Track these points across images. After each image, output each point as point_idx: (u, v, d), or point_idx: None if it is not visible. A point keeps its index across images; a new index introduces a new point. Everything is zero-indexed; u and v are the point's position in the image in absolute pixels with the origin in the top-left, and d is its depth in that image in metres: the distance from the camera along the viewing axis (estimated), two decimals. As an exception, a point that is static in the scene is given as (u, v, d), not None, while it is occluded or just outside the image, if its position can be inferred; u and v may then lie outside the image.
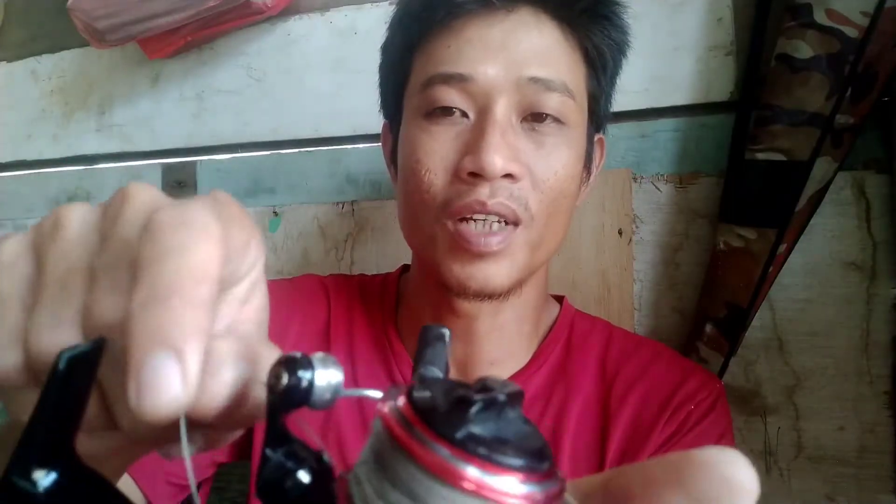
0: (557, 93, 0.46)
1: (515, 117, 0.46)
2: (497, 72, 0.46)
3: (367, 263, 0.81)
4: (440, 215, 0.47)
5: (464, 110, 0.47)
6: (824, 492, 0.63)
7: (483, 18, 0.47)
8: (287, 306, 0.57)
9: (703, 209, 0.68)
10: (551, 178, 0.46)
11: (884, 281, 0.62)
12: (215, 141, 0.91)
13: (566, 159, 0.47)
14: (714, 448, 0.14)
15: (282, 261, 0.86)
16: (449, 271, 0.47)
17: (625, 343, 0.55)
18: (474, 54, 0.46)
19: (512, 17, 0.47)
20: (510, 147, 0.45)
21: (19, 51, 1.06)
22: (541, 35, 0.47)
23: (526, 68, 0.46)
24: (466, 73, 0.46)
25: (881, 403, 0.62)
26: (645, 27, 0.71)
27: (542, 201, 0.46)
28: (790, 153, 0.59)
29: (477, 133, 0.45)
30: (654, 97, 0.70)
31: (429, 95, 0.47)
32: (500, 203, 0.45)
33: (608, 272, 0.71)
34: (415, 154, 0.48)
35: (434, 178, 0.47)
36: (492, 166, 0.43)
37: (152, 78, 0.95)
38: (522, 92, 0.46)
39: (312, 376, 0.17)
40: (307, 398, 0.17)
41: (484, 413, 0.15)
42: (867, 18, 0.55)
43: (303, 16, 0.86)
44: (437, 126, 0.47)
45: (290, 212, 0.87)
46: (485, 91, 0.46)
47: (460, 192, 0.45)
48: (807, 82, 0.57)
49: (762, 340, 0.66)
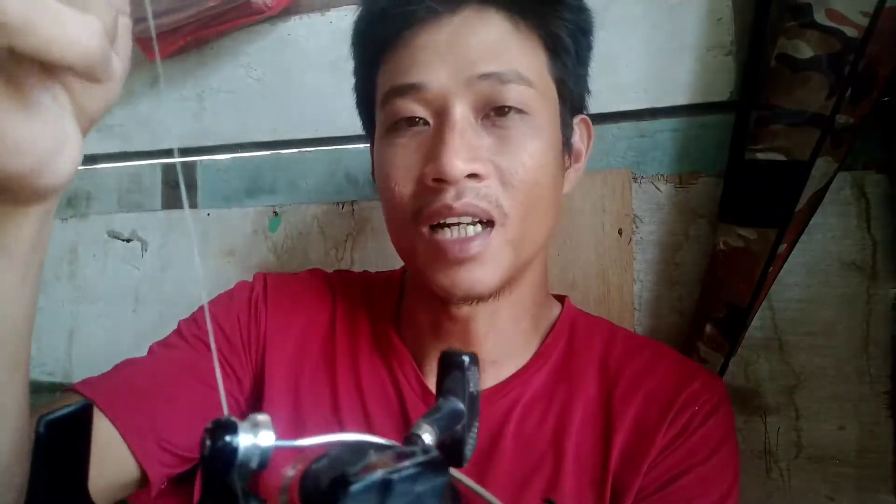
0: (513, 84, 0.46)
1: (474, 116, 0.47)
2: (448, 75, 0.46)
3: (367, 263, 0.81)
4: (415, 224, 0.47)
5: (424, 118, 0.47)
6: (824, 492, 0.63)
7: (430, 24, 0.47)
8: (292, 301, 0.58)
9: (703, 209, 0.68)
10: (520, 171, 0.46)
11: (884, 281, 0.62)
12: (215, 141, 0.91)
13: (533, 149, 0.47)
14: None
15: (282, 261, 0.87)
16: (433, 281, 0.47)
17: (627, 343, 0.55)
18: (424, 61, 0.47)
19: (457, 19, 0.47)
20: (470, 147, 0.45)
21: (19, 51, 1.05)
22: (488, 31, 0.47)
23: (476, 66, 0.46)
24: (418, 81, 0.46)
25: (881, 403, 0.62)
26: (645, 27, 0.71)
27: (514, 196, 0.46)
28: (790, 153, 0.59)
29: (436, 139, 0.46)
30: (654, 97, 0.70)
31: (389, 109, 0.48)
32: (468, 203, 0.45)
33: (608, 272, 0.71)
34: (383, 168, 0.49)
35: (403, 189, 0.47)
36: (452, 169, 0.43)
37: (152, 78, 0.95)
38: (477, 90, 0.46)
39: (237, 440, 0.17)
40: (233, 460, 0.17)
41: (363, 496, 0.15)
42: (867, 18, 0.55)
43: (303, 16, 0.86)
44: (401, 138, 0.48)
45: (290, 212, 0.87)
46: (439, 96, 0.46)
47: (428, 199, 0.46)
48: (807, 82, 0.57)
49: (762, 340, 0.66)
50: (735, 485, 0.49)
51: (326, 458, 0.16)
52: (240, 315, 0.56)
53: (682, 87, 0.69)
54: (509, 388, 0.52)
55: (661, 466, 0.47)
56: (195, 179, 0.92)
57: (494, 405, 0.51)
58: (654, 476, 0.47)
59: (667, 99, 0.70)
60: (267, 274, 0.60)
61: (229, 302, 0.57)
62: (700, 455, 0.48)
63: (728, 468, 0.49)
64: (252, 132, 0.89)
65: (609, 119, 0.72)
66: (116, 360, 0.51)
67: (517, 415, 0.51)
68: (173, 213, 0.94)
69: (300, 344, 0.56)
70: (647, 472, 0.47)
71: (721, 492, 0.47)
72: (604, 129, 0.73)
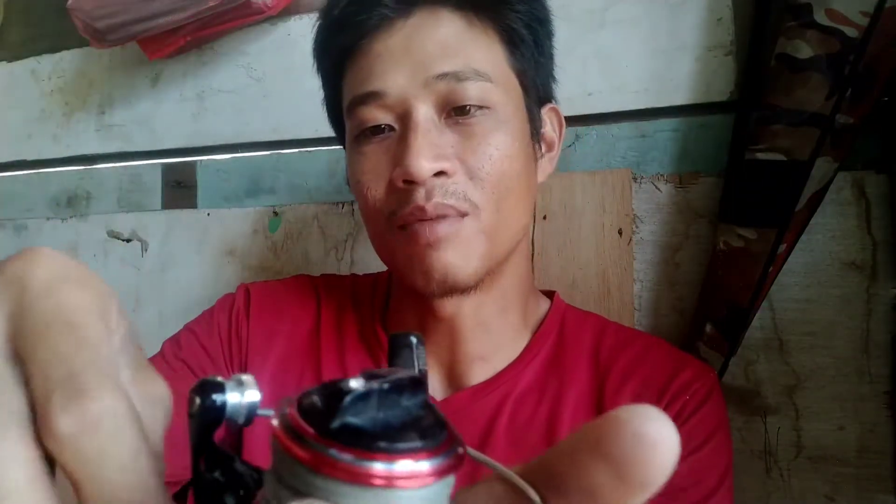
0: (471, 81, 0.46)
1: (437, 116, 0.47)
2: (406, 79, 0.47)
3: (367, 263, 0.81)
4: (390, 227, 0.48)
5: (389, 124, 0.48)
6: (824, 492, 0.63)
7: (385, 31, 0.48)
8: (275, 309, 0.58)
9: (703, 209, 0.68)
10: (486, 164, 0.47)
11: (884, 281, 0.62)
12: (215, 141, 0.91)
13: (498, 142, 0.47)
14: (628, 406, 0.14)
15: (282, 261, 0.87)
16: (410, 273, 0.48)
17: (619, 335, 0.55)
18: (382, 68, 0.47)
19: (410, 22, 0.48)
20: (434, 146, 0.46)
21: (19, 51, 1.06)
22: (441, 30, 0.47)
23: (432, 67, 0.46)
24: (378, 88, 0.47)
25: (881, 403, 0.62)
26: (645, 27, 0.71)
27: (482, 189, 0.47)
28: (790, 153, 0.59)
29: (401, 142, 0.47)
30: (654, 97, 0.70)
31: (354, 119, 0.49)
32: (438, 204, 0.45)
33: (608, 272, 0.71)
34: (355, 176, 0.50)
35: (375, 194, 0.48)
36: (418, 170, 0.44)
37: (152, 78, 0.95)
38: (435, 90, 0.46)
39: (225, 398, 0.18)
40: (221, 417, 0.18)
41: (361, 403, 0.15)
42: (867, 18, 0.55)
43: (303, 16, 0.86)
44: (369, 146, 0.49)
45: (290, 212, 0.87)
46: (400, 100, 0.47)
47: (400, 202, 0.47)
48: (807, 82, 0.57)
49: (762, 340, 0.66)
50: (728, 473, 0.49)
51: (317, 388, 0.17)
52: (220, 330, 0.56)
53: (682, 87, 0.69)
54: (499, 382, 0.52)
55: None
56: (195, 179, 0.92)
57: (485, 400, 0.51)
58: None
59: (667, 99, 0.70)
60: (250, 284, 0.61)
61: (210, 318, 0.57)
62: (692, 444, 0.48)
63: (721, 456, 0.49)
64: (252, 132, 0.89)
65: (609, 119, 0.72)
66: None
67: (508, 409, 0.51)
68: (173, 213, 0.94)
69: (285, 350, 0.56)
70: None
71: (714, 480, 0.47)
72: (604, 129, 0.73)
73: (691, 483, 0.47)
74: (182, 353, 0.53)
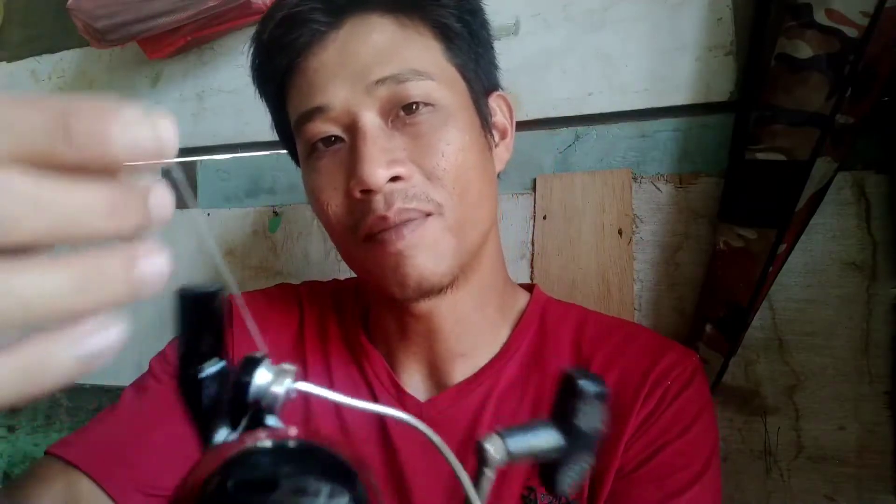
0: (411, 81, 0.46)
1: (384, 121, 0.47)
2: (346, 90, 0.46)
3: (367, 263, 0.81)
4: (355, 240, 0.48)
5: (337, 135, 0.48)
6: (824, 492, 0.63)
7: (318, 46, 0.48)
8: (260, 318, 0.58)
9: (703, 209, 0.68)
10: (441, 161, 0.47)
11: (884, 281, 0.62)
12: (215, 141, 0.91)
13: (448, 137, 0.47)
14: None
15: (282, 261, 0.87)
16: (384, 283, 0.48)
17: (600, 325, 0.55)
18: (321, 82, 0.47)
19: (342, 33, 0.48)
20: (386, 151, 0.45)
21: (19, 51, 1.06)
22: (374, 36, 0.47)
23: (370, 73, 0.46)
24: (321, 103, 0.47)
25: (881, 403, 0.62)
26: (645, 27, 0.71)
27: (442, 187, 0.47)
28: (790, 153, 0.59)
29: (352, 152, 0.46)
30: (654, 97, 0.70)
31: (303, 136, 0.49)
32: (400, 210, 0.45)
33: (608, 272, 0.71)
34: (313, 193, 0.50)
35: (336, 208, 0.48)
36: (373, 177, 0.44)
37: (152, 78, 0.95)
38: (377, 96, 0.46)
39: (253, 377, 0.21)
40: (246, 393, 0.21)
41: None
42: (867, 18, 0.55)
43: (303, 16, 0.86)
44: (321, 160, 0.49)
45: (290, 212, 0.87)
46: (344, 111, 0.47)
47: (361, 212, 0.46)
48: (807, 82, 0.57)
49: (762, 340, 0.66)
50: (714, 457, 0.49)
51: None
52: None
53: (682, 87, 0.69)
54: (482, 379, 0.52)
55: (638, 444, 0.48)
56: (195, 179, 0.92)
57: (468, 397, 0.52)
58: (632, 454, 0.47)
59: (667, 99, 0.70)
60: (231, 296, 0.61)
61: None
62: (676, 429, 0.48)
63: (706, 441, 0.49)
64: (252, 132, 0.89)
65: (609, 119, 0.72)
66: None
67: (492, 405, 0.51)
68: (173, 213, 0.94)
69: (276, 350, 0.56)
70: (625, 451, 0.47)
71: (700, 464, 0.47)
72: (604, 129, 0.73)
73: (679, 466, 0.47)
74: (170, 367, 0.54)
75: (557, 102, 0.74)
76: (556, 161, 0.74)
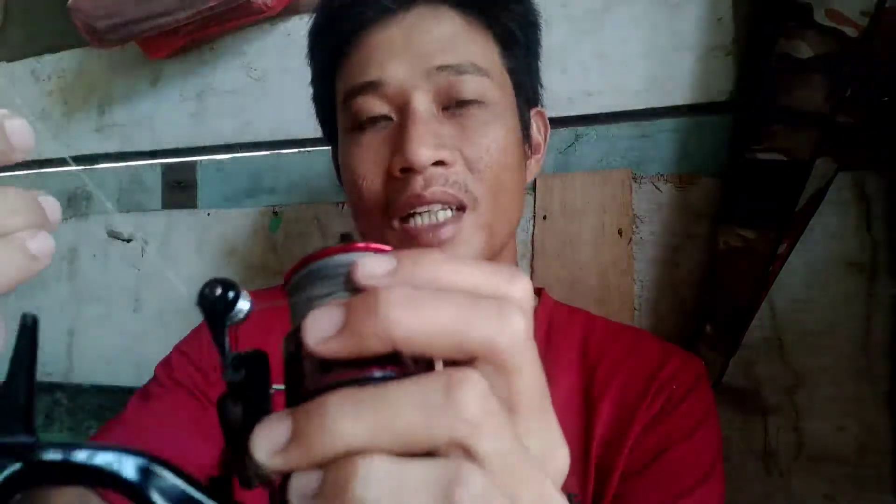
0: (470, 74, 0.47)
1: (436, 107, 0.47)
2: (406, 69, 0.47)
3: (367, 263, 0.81)
4: (385, 217, 0.48)
5: (386, 115, 0.48)
6: (824, 492, 0.63)
7: (384, 23, 0.48)
8: (264, 319, 0.57)
9: (704, 209, 0.68)
10: (484, 156, 0.47)
11: (884, 281, 0.62)
12: (215, 141, 0.91)
13: (495, 135, 0.48)
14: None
15: (282, 261, 0.87)
16: None
17: (607, 330, 0.56)
18: (380, 58, 0.48)
19: (410, 16, 0.48)
20: (435, 135, 0.46)
21: (19, 51, 1.06)
22: (441, 25, 0.48)
23: (432, 59, 0.47)
24: (377, 78, 0.47)
25: (881, 403, 0.62)
26: (645, 27, 0.71)
27: (482, 181, 0.47)
28: (790, 153, 0.59)
29: (401, 130, 0.47)
30: (654, 97, 0.70)
31: (350, 110, 0.49)
32: (438, 191, 0.45)
33: (608, 272, 0.71)
34: (349, 166, 0.50)
35: (371, 183, 0.48)
36: (418, 157, 0.44)
37: (152, 78, 0.95)
38: (435, 81, 0.47)
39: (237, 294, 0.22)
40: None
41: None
42: (867, 18, 0.55)
43: (303, 16, 0.86)
44: (365, 135, 0.49)
45: (290, 212, 0.87)
46: (399, 90, 0.47)
47: (398, 191, 0.47)
48: (807, 82, 0.57)
49: (762, 340, 0.66)
50: (719, 458, 0.49)
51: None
52: (209, 347, 0.56)
53: (682, 87, 0.69)
54: None
55: (642, 446, 0.48)
56: (195, 179, 0.92)
57: None
58: (637, 456, 0.47)
59: (667, 99, 0.70)
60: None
61: (198, 336, 0.57)
62: (681, 433, 0.48)
63: (710, 445, 0.49)
64: (252, 132, 0.89)
65: (609, 119, 0.72)
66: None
67: None
68: (173, 213, 0.94)
69: (278, 358, 0.56)
70: (630, 453, 0.47)
71: (704, 467, 0.47)
72: (604, 129, 0.73)
73: (684, 469, 0.47)
74: (175, 374, 0.54)
75: (557, 102, 0.74)
76: (557, 161, 0.74)
